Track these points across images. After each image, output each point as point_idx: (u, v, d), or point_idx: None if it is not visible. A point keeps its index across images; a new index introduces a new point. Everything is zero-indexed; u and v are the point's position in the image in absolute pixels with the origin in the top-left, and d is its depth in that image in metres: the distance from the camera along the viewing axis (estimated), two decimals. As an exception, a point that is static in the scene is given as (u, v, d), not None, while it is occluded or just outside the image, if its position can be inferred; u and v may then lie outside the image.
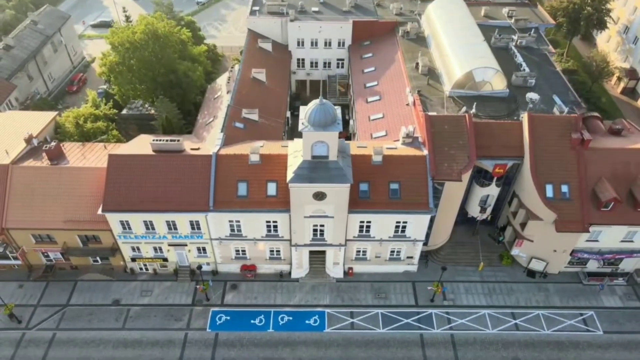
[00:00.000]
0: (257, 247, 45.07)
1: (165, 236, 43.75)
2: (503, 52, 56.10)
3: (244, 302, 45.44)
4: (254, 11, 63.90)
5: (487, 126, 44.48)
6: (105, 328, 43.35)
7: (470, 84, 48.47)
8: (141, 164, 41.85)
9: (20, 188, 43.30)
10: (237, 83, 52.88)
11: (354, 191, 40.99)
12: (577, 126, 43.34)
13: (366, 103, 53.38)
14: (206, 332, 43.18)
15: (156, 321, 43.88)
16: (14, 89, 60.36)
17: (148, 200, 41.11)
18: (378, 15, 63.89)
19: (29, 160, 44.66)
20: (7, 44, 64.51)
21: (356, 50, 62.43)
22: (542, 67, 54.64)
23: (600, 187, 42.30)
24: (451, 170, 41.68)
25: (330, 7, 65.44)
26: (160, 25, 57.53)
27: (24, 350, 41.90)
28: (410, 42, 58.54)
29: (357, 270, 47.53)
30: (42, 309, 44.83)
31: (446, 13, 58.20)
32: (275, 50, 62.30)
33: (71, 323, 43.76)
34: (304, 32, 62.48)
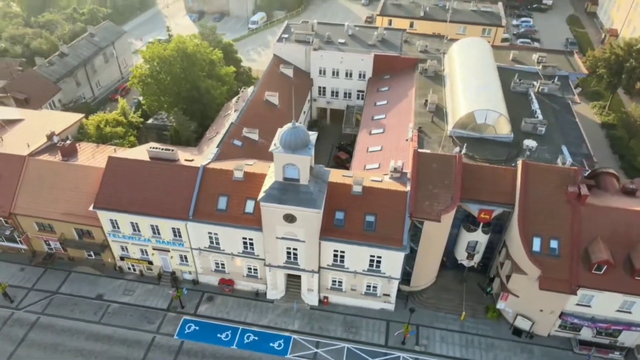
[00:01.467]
0: (234, 262, 45.84)
1: (149, 239, 45.74)
2: (521, 98, 54.55)
3: (216, 315, 46.05)
4: (282, 38, 66.62)
5: (479, 169, 43.05)
6: (83, 319, 45.57)
7: (472, 125, 47.37)
8: (135, 168, 44.45)
9: (31, 178, 47.38)
10: (247, 103, 55.08)
11: (329, 218, 41.06)
12: (576, 179, 40.78)
13: (369, 135, 53.48)
14: (173, 338, 44.12)
15: (130, 320, 45.50)
16: (59, 91, 66.53)
17: (135, 203, 43.43)
18: (402, 51, 64.26)
19: (45, 155, 48.84)
20: (63, 51, 71.68)
21: (375, 83, 62.94)
22: (560, 116, 52.26)
23: (593, 247, 39.19)
24: (431, 209, 40.50)
25: (357, 39, 66.79)
26: (190, 44, 61.48)
27: (9, 328, 44.95)
28: (427, 80, 58.21)
29: (333, 301, 46.75)
30: (34, 293, 48.03)
31: (467, 53, 57.56)
32: (296, 77, 64.24)
33: (55, 310, 46.45)
34: (326, 61, 64.09)
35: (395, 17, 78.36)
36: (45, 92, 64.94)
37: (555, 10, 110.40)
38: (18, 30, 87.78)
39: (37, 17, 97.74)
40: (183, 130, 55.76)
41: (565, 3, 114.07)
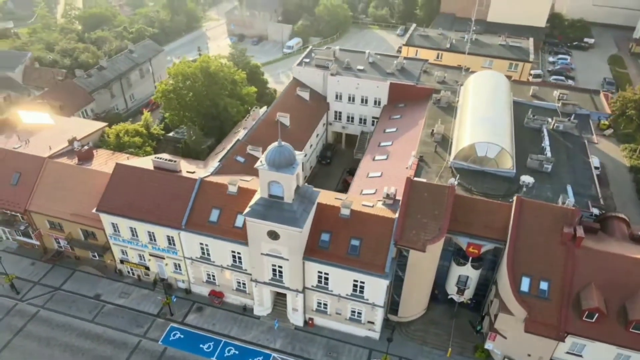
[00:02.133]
0: (224, 275, 46.66)
1: (146, 245, 47.46)
2: (534, 134, 53.16)
3: (202, 325, 46.76)
4: (303, 62, 68.47)
5: (472, 202, 42.18)
6: (78, 317, 47.51)
7: (473, 157, 46.64)
8: (139, 175, 46.66)
9: (48, 178, 50.65)
10: (257, 122, 56.78)
11: (314, 239, 41.30)
12: (572, 220, 39.08)
13: (372, 160, 53.62)
14: (157, 344, 45.10)
15: (121, 322, 46.98)
16: (92, 101, 71.16)
17: (134, 208, 45.43)
18: (420, 80, 64.39)
19: (63, 158, 52.20)
20: (102, 65, 76.86)
21: (388, 110, 63.25)
22: (573, 156, 50.46)
23: (585, 293, 37.16)
24: (417, 238, 39.87)
25: (376, 67, 67.63)
26: (213, 63, 64.44)
27: (10, 318, 47.53)
28: (439, 110, 57.92)
29: (318, 323, 46.36)
30: (39, 287, 50.68)
31: (482, 86, 56.98)
32: (312, 100, 65.64)
33: (55, 305, 48.74)
34: (342, 86, 65.17)
35: (421, 47, 78.80)
36: (79, 101, 69.65)
37: (597, 50, 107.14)
38: (70, 45, 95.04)
39: (91, 34, 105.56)
40: (194, 144, 58.02)
41: (609, 43, 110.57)
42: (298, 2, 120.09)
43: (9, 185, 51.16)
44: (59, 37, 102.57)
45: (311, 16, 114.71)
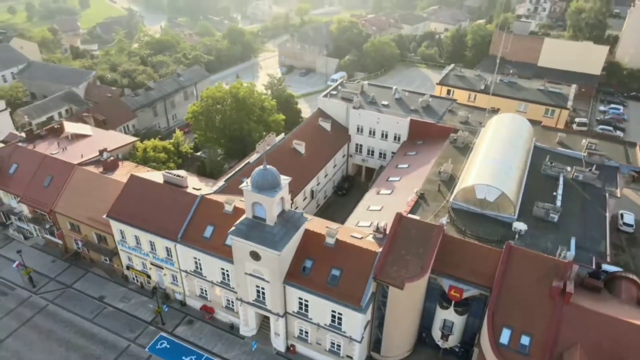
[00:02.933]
0: (214, 291, 47.91)
1: (148, 254, 49.96)
2: (550, 182, 50.78)
3: (189, 338, 47.92)
4: (329, 94, 70.23)
5: (461, 244, 40.94)
6: (80, 315, 50.44)
7: (473, 199, 45.35)
8: (148, 187, 49.70)
9: (74, 183, 55.11)
10: (272, 148, 58.70)
11: (297, 264, 41.70)
12: (563, 274, 36.76)
13: (376, 194, 53.47)
14: (144, 350, 46.73)
15: (116, 325, 49.25)
16: (134, 118, 76.86)
17: (138, 218, 48.26)
18: (442, 119, 63.89)
19: (90, 166, 56.70)
20: (149, 86, 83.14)
21: (406, 146, 63.03)
22: (588, 208, 47.56)
23: (570, 354, 34.45)
24: (397, 275, 39.09)
25: (401, 103, 68.03)
26: (242, 90, 67.90)
27: (22, 308, 51.37)
28: (454, 149, 57.01)
29: (300, 350, 46.02)
30: (53, 283, 54.52)
31: (501, 128, 55.64)
32: (333, 130, 66.88)
33: (62, 301, 52.12)
34: (364, 120, 65.98)
35: (454, 87, 78.24)
36: (122, 117, 75.63)
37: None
38: (131, 66, 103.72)
39: (153, 58, 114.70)
40: (211, 163, 60.86)
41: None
42: (348, 38, 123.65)
43: (42, 187, 56.14)
44: (124, 59, 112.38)
45: (359, 52, 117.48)
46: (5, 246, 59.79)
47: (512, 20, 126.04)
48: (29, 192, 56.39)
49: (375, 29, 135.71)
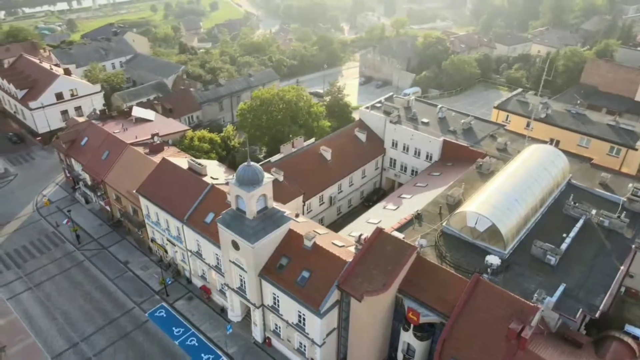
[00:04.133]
0: (211, 274, 51.71)
1: (165, 230, 55.42)
2: (568, 222, 46.69)
3: (184, 312, 52.29)
4: (374, 106, 70.84)
5: (433, 269, 39.88)
6: (105, 274, 57.53)
7: (464, 226, 43.64)
8: (174, 170, 55.19)
9: (124, 159, 62.80)
10: (298, 151, 61.25)
11: (274, 260, 43.78)
12: (525, 318, 34.25)
13: (382, 209, 53.33)
14: (144, 314, 52.08)
15: (129, 289, 55.40)
16: (199, 110, 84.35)
17: (159, 196, 53.88)
18: (479, 144, 61.32)
19: (139, 147, 64.09)
20: (220, 83, 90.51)
21: (434, 167, 61.59)
22: (602, 257, 43.08)
23: (511, 402, 32.20)
24: (359, 287, 39.27)
25: (442, 122, 66.52)
26: (291, 93, 71.46)
27: (65, 259, 60.00)
28: (476, 175, 54.62)
29: (275, 345, 47.90)
30: (94, 243, 62.71)
31: (531, 160, 52.08)
32: (369, 142, 67.42)
33: (96, 260, 59.81)
34: (399, 135, 65.63)
35: (512, 113, 74.04)
36: (189, 108, 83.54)
37: None
38: (217, 64, 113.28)
39: (241, 58, 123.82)
40: (242, 157, 65.06)
41: None
42: (432, 54, 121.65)
43: (100, 159, 64.77)
44: (216, 57, 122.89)
45: (438, 68, 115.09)
46: (70, 206, 69.76)
47: (616, 47, 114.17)
48: (90, 162, 65.40)
49: (464, 46, 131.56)
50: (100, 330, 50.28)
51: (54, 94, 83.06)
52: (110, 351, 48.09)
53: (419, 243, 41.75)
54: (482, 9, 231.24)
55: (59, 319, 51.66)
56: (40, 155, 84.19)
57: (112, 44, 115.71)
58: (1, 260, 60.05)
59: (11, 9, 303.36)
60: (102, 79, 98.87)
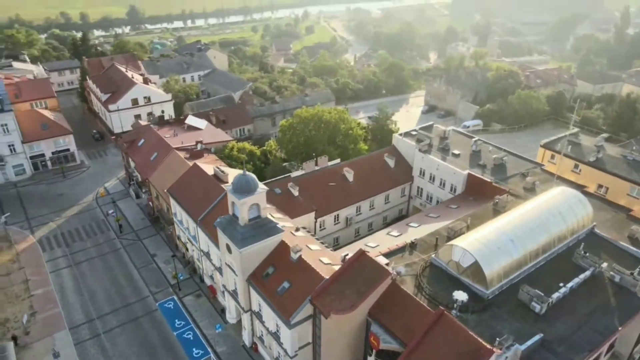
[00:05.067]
0: (216, 275, 54.96)
1: (186, 229, 60.01)
2: (574, 272, 43.55)
3: (189, 307, 55.99)
4: (408, 133, 70.79)
5: (405, 297, 39.61)
6: (133, 263, 63.39)
7: (451, 261, 42.63)
8: (200, 175, 59.81)
9: (167, 161, 68.94)
10: (320, 170, 63.13)
11: (263, 268, 45.96)
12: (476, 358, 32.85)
13: (385, 234, 53.24)
14: (155, 304, 56.61)
15: (150, 279, 60.47)
16: (250, 123, 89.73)
17: (184, 198, 58.66)
18: (505, 181, 58.81)
19: (182, 152, 70.05)
20: (276, 100, 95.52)
21: (455, 199, 60.10)
22: (601, 315, 39.67)
23: None
24: (328, 304, 40.00)
25: (475, 156, 64.88)
26: (332, 114, 73.95)
27: (105, 245, 67.07)
28: (490, 211, 52.53)
29: (260, 351, 49.56)
30: (132, 234, 69.36)
31: (549, 202, 49.16)
32: (396, 168, 67.42)
33: (130, 249, 66.09)
34: (426, 164, 64.91)
35: (558, 153, 69.57)
36: (241, 121, 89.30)
37: None
38: (284, 83, 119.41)
39: (310, 79, 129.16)
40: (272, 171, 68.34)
41: None
42: (501, 87, 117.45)
43: (149, 160, 71.81)
44: (286, 76, 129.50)
45: (504, 102, 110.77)
46: (123, 199, 77.84)
47: None
48: (141, 161, 72.74)
49: (540, 81, 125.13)
50: (115, 311, 55.58)
51: (130, 99, 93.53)
52: (118, 331, 52.97)
53: (397, 270, 41.54)
54: (584, 44, 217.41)
55: (85, 295, 57.94)
56: (112, 152, 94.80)
57: (195, 59, 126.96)
58: (56, 238, 68.68)
59: (136, 24, 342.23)
60: (177, 89, 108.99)
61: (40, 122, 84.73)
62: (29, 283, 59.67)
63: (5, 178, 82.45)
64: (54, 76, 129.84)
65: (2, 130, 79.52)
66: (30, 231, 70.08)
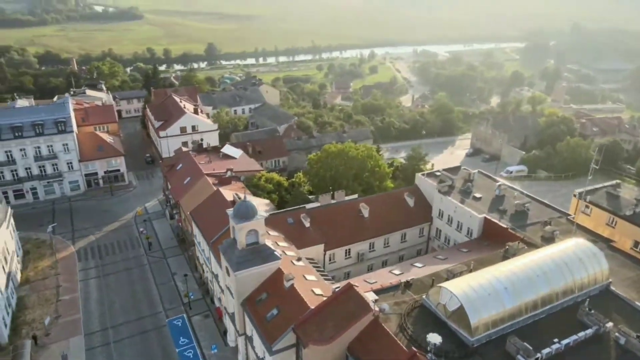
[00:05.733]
0: (222, 297, 56.74)
1: (202, 251, 62.80)
2: (575, 329, 40.91)
3: (195, 327, 58.02)
4: (428, 173, 70.20)
5: (384, 336, 38.93)
6: (154, 279, 66.96)
7: (439, 303, 41.59)
8: (220, 200, 62.82)
9: (197, 186, 72.99)
10: (338, 203, 64.04)
11: (257, 294, 47.18)
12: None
13: (387, 272, 52.71)
14: (165, 320, 59.16)
15: (165, 296, 63.39)
16: (286, 156, 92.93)
17: (203, 220, 61.77)
18: (524, 229, 56.49)
19: (212, 178, 73.95)
20: (313, 135, 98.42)
21: (468, 243, 58.42)
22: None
23: None
24: (308, 334, 40.30)
25: (497, 200, 62.98)
26: (360, 151, 75.33)
27: (133, 260, 71.48)
28: (499, 257, 50.67)
29: (252, 377, 50.14)
30: (159, 252, 73.44)
31: (558, 253, 46.81)
32: (416, 208, 66.77)
33: (154, 267, 69.88)
34: (444, 205, 63.84)
35: (593, 205, 65.62)
36: (277, 153, 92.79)
37: None
38: (329, 119, 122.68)
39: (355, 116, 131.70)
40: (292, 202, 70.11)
41: None
42: (553, 134, 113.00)
43: (183, 183, 76.41)
44: (334, 114, 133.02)
45: (552, 149, 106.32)
46: (158, 219, 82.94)
47: None
48: (176, 184, 77.54)
49: (596, 129, 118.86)
50: (127, 323, 58.78)
51: (179, 127, 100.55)
52: (126, 342, 55.89)
53: (381, 307, 41.13)
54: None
55: (105, 305, 61.85)
56: (159, 175, 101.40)
57: (247, 93, 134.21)
58: (92, 250, 74.26)
59: (212, 60, 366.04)
60: (225, 120, 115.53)
61: (97, 143, 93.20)
62: (59, 289, 64.77)
63: (62, 192, 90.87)
64: (123, 104, 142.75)
65: (63, 149, 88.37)
66: (72, 242, 76.35)
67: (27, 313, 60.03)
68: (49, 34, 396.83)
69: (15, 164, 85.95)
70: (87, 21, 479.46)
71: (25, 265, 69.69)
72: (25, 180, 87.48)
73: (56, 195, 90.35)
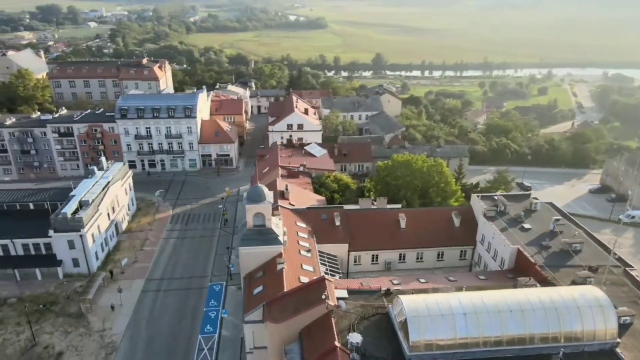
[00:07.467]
0: (250, 272, 63.06)
1: (251, 231, 70.04)
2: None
3: (228, 295, 65.77)
4: (483, 195, 65.88)
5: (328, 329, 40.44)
6: (217, 249, 76.81)
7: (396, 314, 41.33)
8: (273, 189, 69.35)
9: (270, 174, 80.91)
10: (377, 209, 65.05)
11: (256, 272, 52.35)
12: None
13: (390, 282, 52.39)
14: (208, 282, 68.09)
15: (219, 264, 72.59)
16: (370, 162, 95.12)
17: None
18: (558, 268, 50.36)
19: (284, 170, 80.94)
20: (404, 145, 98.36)
21: (493, 273, 54.09)
22: None
23: None
24: (271, 313, 43.93)
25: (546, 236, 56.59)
26: (423, 163, 74.66)
27: (208, 230, 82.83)
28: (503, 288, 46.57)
29: (251, 350, 55.28)
30: (230, 228, 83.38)
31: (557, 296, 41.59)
32: (461, 228, 63.63)
33: (221, 239, 79.97)
34: (486, 230, 59.75)
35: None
36: (361, 157, 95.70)
37: None
38: (439, 134, 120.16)
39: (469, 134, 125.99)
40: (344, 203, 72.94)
41: None
42: None
43: (263, 171, 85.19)
44: (446, 130, 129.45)
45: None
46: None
47: None
48: (259, 171, 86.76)
49: None
50: (180, 279, 69.57)
51: (286, 124, 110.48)
52: (171, 293, 66.39)
53: (339, 304, 42.53)
54: None
55: (171, 261, 73.80)
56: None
57: (368, 100, 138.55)
58: (184, 216, 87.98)
59: (377, 70, 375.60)
60: (335, 123, 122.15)
61: (215, 130, 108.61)
62: (146, 241, 79.11)
63: (183, 167, 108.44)
64: (262, 101, 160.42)
65: (187, 131, 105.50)
66: (173, 207, 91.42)
67: (117, 254, 75.12)
68: (246, 39, 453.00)
69: (151, 139, 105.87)
70: (281, 29, 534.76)
71: (133, 219, 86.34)
72: (157, 153, 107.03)
73: (178, 169, 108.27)
